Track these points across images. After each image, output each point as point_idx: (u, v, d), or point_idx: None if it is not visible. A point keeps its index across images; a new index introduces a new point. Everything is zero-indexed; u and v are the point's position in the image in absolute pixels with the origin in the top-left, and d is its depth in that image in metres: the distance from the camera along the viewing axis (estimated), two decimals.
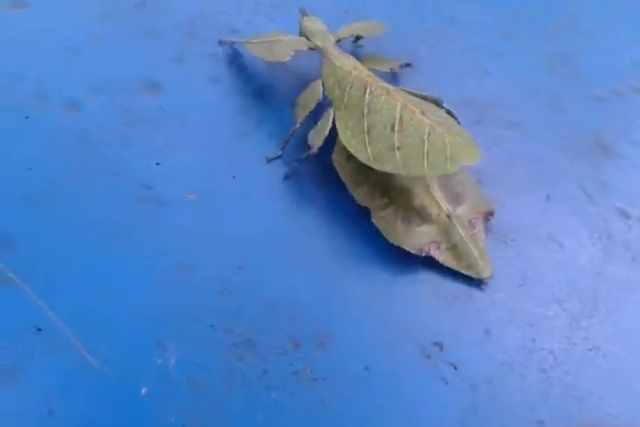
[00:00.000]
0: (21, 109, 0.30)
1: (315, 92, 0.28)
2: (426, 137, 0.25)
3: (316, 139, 0.27)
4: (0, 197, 0.27)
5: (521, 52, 0.33)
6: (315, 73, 0.29)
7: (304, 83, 0.29)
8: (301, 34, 0.30)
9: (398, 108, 0.26)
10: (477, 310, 0.25)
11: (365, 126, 0.26)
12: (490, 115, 0.31)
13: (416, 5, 0.35)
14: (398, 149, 0.25)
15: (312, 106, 0.28)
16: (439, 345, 0.24)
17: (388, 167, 0.25)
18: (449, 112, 0.28)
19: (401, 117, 0.25)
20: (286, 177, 0.28)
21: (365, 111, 0.26)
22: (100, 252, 0.26)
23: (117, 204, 0.27)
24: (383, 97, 0.26)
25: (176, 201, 0.28)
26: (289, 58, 0.29)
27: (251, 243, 0.27)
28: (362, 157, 0.25)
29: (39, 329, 0.24)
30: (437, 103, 0.28)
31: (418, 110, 0.26)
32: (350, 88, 0.27)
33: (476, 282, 0.26)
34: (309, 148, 0.27)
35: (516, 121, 0.31)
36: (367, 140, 0.25)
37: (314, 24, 0.30)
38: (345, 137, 0.26)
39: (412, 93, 0.28)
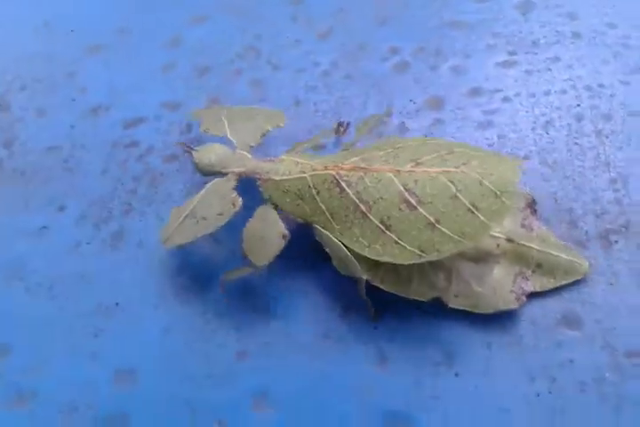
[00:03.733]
0: None
1: (273, 226, 0.21)
2: (454, 190, 0.19)
3: (353, 269, 0.21)
4: None
5: None
6: None
7: None
8: (206, 174, 0.23)
9: (394, 178, 0.20)
10: None
11: (378, 223, 0.20)
12: None
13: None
14: (438, 222, 0.19)
15: (278, 245, 0.21)
16: None
17: (450, 250, 0.19)
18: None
19: (405, 186, 0.20)
20: None
21: (363, 208, 0.20)
22: None
23: None
24: (366, 179, 0.20)
25: None
26: (235, 209, 0.22)
27: None
28: (405, 259, 0.20)
29: None
30: (387, 114, 0.25)
31: (409, 165, 0.20)
32: (317, 195, 0.21)
33: None
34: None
35: None
36: (395, 238, 0.20)
37: (210, 152, 0.23)
38: (362, 249, 0.20)
39: (363, 131, 0.24)
